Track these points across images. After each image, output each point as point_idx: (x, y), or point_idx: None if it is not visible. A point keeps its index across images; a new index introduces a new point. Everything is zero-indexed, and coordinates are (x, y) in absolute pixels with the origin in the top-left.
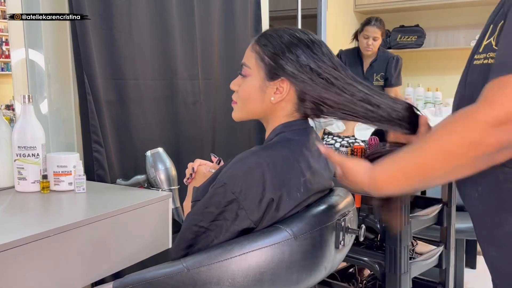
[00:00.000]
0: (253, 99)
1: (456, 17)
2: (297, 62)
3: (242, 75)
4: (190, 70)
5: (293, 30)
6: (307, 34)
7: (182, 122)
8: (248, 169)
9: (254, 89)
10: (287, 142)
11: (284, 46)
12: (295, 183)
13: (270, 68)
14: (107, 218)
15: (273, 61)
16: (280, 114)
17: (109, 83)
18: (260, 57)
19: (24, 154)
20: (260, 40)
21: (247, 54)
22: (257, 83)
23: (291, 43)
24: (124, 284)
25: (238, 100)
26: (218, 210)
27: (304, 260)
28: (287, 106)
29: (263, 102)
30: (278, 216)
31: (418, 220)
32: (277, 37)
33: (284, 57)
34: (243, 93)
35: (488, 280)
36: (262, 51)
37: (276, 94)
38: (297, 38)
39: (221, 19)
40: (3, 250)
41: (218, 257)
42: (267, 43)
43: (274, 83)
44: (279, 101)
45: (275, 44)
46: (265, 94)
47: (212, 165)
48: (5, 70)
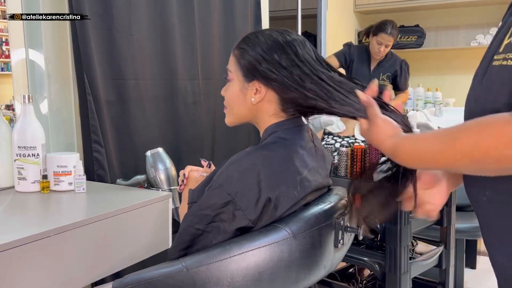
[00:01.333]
0: (236, 102)
1: (456, 17)
2: (267, 62)
3: (227, 80)
4: (190, 70)
5: (269, 31)
6: (283, 34)
7: (182, 122)
8: (243, 170)
9: (236, 92)
10: (281, 141)
11: (256, 47)
12: (292, 181)
13: (246, 70)
14: (107, 218)
15: (247, 63)
16: (266, 114)
17: (109, 83)
18: (237, 60)
19: (24, 154)
20: (239, 44)
21: (230, 59)
22: (238, 86)
23: (264, 44)
24: (124, 284)
25: (226, 105)
26: (214, 212)
27: (303, 259)
28: (270, 106)
29: (245, 104)
30: (277, 215)
31: (418, 220)
32: (252, 38)
33: (255, 58)
34: (228, 98)
35: (488, 280)
36: (239, 54)
37: (256, 95)
38: (272, 40)
39: (221, 19)
40: (3, 250)
41: (217, 256)
42: (244, 46)
43: (252, 84)
44: (260, 102)
45: (249, 45)
46: (246, 96)
47: (203, 169)
48: (5, 70)
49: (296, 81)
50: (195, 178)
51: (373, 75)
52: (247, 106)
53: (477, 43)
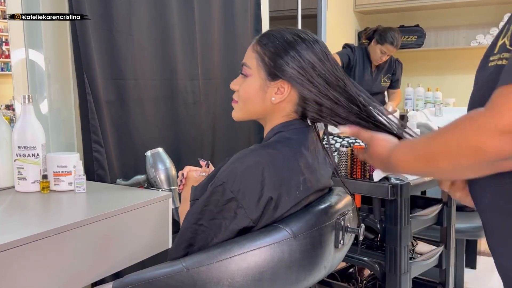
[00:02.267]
0: (253, 99)
1: (456, 17)
2: (297, 64)
3: (243, 75)
4: (190, 70)
5: (295, 30)
6: (308, 34)
7: (182, 122)
8: (247, 168)
9: (255, 89)
10: (286, 141)
11: (284, 46)
12: (294, 181)
13: (270, 68)
14: (107, 218)
15: (273, 61)
16: (279, 114)
17: (109, 83)
18: (260, 57)
19: (24, 154)
20: (261, 40)
21: (248, 54)
22: (258, 83)
23: (292, 44)
24: (124, 284)
25: (239, 100)
26: (217, 208)
27: (304, 260)
28: (287, 107)
29: (263, 102)
30: (277, 215)
31: (418, 220)
32: (278, 37)
33: (284, 58)
34: (244, 93)
35: (488, 280)
36: (262, 51)
37: (277, 95)
38: (299, 39)
39: (221, 19)
40: (3, 250)
41: (217, 256)
42: (268, 43)
43: (275, 84)
44: (280, 102)
45: (276, 44)
46: (266, 94)
47: (201, 169)
48: (5, 70)
49: (323, 87)
50: (194, 178)
51: (375, 77)
52: (265, 104)
53: (477, 43)
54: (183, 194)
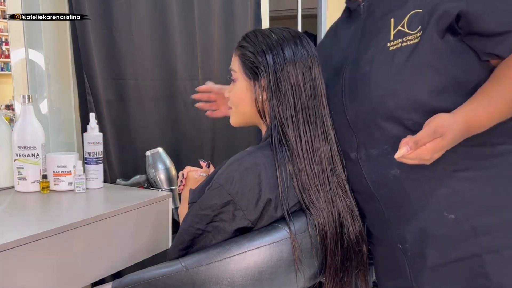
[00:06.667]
0: (243, 101)
1: None
2: (276, 61)
3: (232, 81)
4: (190, 70)
5: (271, 29)
6: (288, 31)
7: (182, 122)
8: (244, 170)
9: (242, 91)
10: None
11: (262, 45)
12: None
13: (251, 68)
14: (107, 218)
15: (252, 61)
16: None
17: (109, 83)
18: (241, 59)
19: (24, 154)
20: (240, 43)
21: (233, 59)
22: (244, 84)
23: (269, 42)
24: (123, 284)
25: (232, 105)
26: (214, 212)
27: (303, 259)
28: None
29: (252, 102)
30: (277, 215)
31: None
32: (255, 37)
33: (262, 56)
34: (234, 97)
35: None
36: (242, 53)
37: (263, 92)
38: (278, 37)
39: (221, 19)
40: (3, 250)
41: (216, 256)
42: (246, 45)
43: (258, 83)
44: (266, 100)
45: (253, 44)
46: (253, 94)
47: (202, 170)
48: (5, 70)
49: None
50: (194, 179)
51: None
52: (254, 104)
53: None
54: (183, 194)
